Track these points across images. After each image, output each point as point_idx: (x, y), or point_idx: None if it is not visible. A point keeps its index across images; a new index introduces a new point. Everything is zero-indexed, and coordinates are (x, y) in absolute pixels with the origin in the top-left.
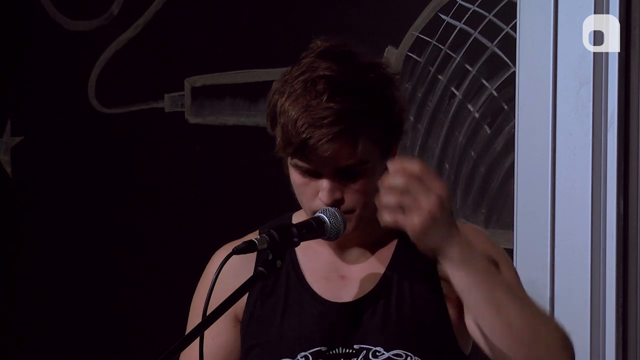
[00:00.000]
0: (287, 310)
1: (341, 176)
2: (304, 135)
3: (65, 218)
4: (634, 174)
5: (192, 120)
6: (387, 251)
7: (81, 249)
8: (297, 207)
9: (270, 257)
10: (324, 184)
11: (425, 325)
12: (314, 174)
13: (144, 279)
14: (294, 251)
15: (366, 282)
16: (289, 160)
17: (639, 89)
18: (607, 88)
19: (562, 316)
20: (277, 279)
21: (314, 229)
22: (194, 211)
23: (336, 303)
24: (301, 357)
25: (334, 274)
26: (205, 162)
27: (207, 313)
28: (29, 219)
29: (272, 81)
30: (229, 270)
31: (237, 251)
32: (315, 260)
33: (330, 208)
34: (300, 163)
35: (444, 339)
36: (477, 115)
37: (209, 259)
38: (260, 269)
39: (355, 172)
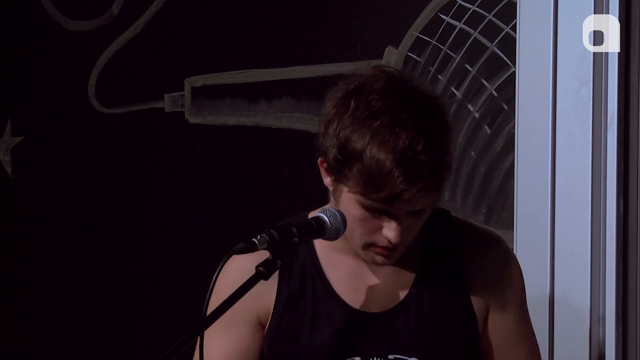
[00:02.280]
0: (316, 320)
1: (413, 215)
2: (400, 187)
3: (65, 218)
4: (634, 174)
5: (192, 120)
6: (413, 259)
7: (81, 249)
8: (297, 207)
9: (270, 257)
10: (394, 224)
11: (459, 339)
12: (384, 212)
13: (144, 279)
14: (317, 259)
15: (397, 290)
16: (354, 194)
17: (639, 89)
18: (607, 88)
19: (562, 316)
20: (303, 286)
21: (314, 229)
22: (194, 211)
23: (368, 313)
24: None
25: (361, 282)
26: (205, 162)
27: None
28: (29, 219)
29: (272, 81)
30: (245, 272)
31: (237, 251)
32: (340, 268)
33: (330, 208)
34: (376, 205)
35: (474, 350)
36: (477, 115)
37: (209, 258)
38: (261, 269)
39: (420, 212)
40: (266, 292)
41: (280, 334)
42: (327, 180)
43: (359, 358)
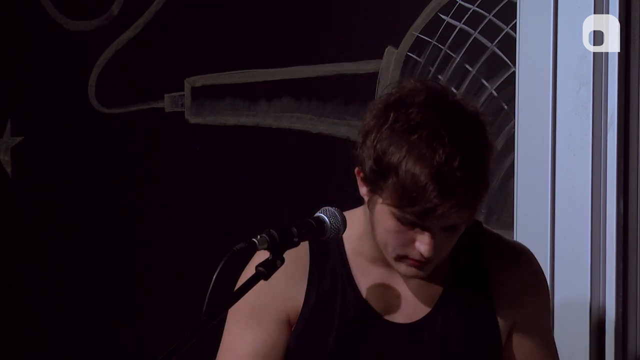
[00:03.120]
0: (343, 326)
1: (443, 231)
2: (434, 202)
3: (65, 218)
4: (634, 174)
5: (192, 120)
6: (442, 269)
7: (81, 249)
8: (298, 207)
9: (270, 257)
10: (428, 238)
11: (483, 355)
12: (418, 225)
13: (144, 279)
14: (347, 263)
15: (425, 303)
16: (388, 206)
17: (639, 89)
18: (607, 88)
19: (562, 316)
20: (333, 289)
21: (314, 229)
22: (194, 211)
23: (395, 323)
24: None
25: (390, 291)
26: (205, 162)
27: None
28: (29, 219)
29: (272, 81)
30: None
31: (237, 251)
32: (370, 275)
33: (330, 208)
34: (409, 217)
35: (495, 357)
36: None
37: (209, 258)
38: (261, 268)
39: (455, 228)
40: (297, 292)
41: (306, 336)
42: (363, 190)
43: None
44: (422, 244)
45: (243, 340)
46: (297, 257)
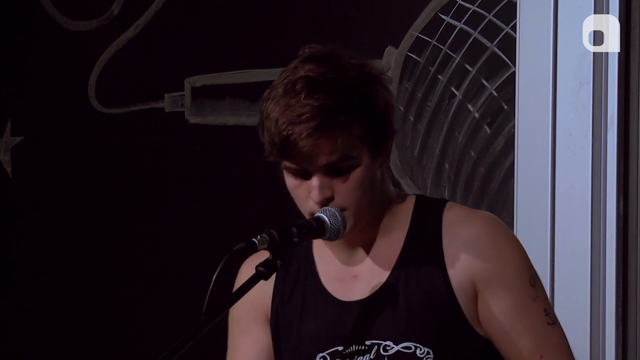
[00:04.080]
0: (305, 313)
1: (330, 174)
2: (284, 133)
3: (65, 218)
4: (634, 174)
5: (192, 120)
6: (396, 247)
7: (81, 249)
8: (297, 207)
9: (270, 257)
10: (314, 182)
11: (433, 317)
12: (304, 174)
13: (144, 278)
14: (312, 257)
15: (376, 279)
16: (282, 165)
17: (639, 89)
18: (607, 88)
19: (562, 316)
20: (296, 282)
21: (314, 228)
22: (194, 211)
23: (348, 302)
24: (320, 358)
25: (346, 274)
26: (205, 162)
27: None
28: (29, 219)
29: (272, 81)
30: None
31: (237, 251)
32: (330, 263)
33: (330, 208)
34: (288, 164)
35: (456, 328)
36: (477, 115)
37: (209, 258)
38: (261, 269)
39: (342, 169)
40: (265, 292)
41: (277, 331)
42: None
43: (342, 347)
44: (312, 190)
45: (236, 349)
46: (264, 256)
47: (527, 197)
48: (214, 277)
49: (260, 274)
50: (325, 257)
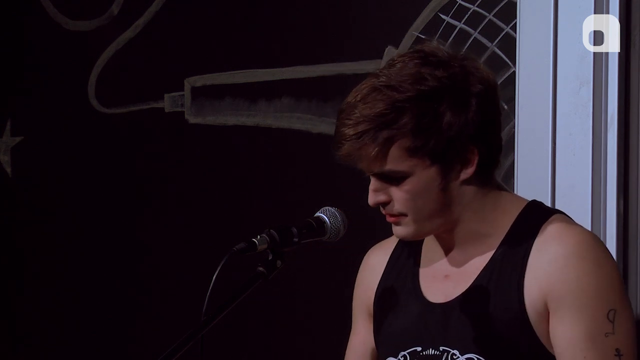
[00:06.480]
0: (398, 309)
1: (383, 180)
2: (337, 135)
3: (65, 218)
4: (634, 174)
5: (192, 120)
6: (488, 254)
7: (81, 249)
8: (298, 207)
9: (270, 257)
10: (370, 185)
11: (502, 330)
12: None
13: (144, 279)
14: (420, 250)
15: (462, 284)
16: None
17: (639, 89)
18: (607, 88)
19: None
20: (396, 282)
21: (314, 228)
22: (194, 211)
23: (433, 303)
24: (401, 357)
25: (440, 273)
26: (205, 162)
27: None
28: (29, 219)
29: (272, 81)
30: (367, 266)
31: (237, 251)
32: (431, 259)
33: (330, 208)
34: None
35: (522, 344)
36: None
37: (210, 258)
38: (261, 269)
39: (393, 178)
40: (371, 286)
41: (376, 323)
42: None
43: (420, 348)
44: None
45: (354, 332)
46: (385, 247)
47: (527, 197)
48: (214, 277)
49: (260, 274)
50: (430, 253)
